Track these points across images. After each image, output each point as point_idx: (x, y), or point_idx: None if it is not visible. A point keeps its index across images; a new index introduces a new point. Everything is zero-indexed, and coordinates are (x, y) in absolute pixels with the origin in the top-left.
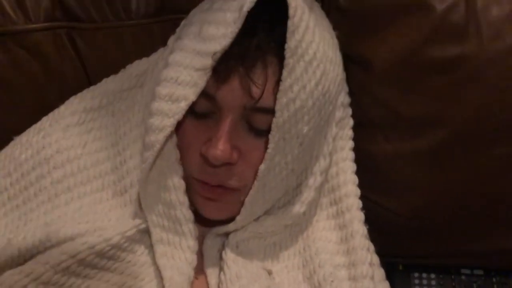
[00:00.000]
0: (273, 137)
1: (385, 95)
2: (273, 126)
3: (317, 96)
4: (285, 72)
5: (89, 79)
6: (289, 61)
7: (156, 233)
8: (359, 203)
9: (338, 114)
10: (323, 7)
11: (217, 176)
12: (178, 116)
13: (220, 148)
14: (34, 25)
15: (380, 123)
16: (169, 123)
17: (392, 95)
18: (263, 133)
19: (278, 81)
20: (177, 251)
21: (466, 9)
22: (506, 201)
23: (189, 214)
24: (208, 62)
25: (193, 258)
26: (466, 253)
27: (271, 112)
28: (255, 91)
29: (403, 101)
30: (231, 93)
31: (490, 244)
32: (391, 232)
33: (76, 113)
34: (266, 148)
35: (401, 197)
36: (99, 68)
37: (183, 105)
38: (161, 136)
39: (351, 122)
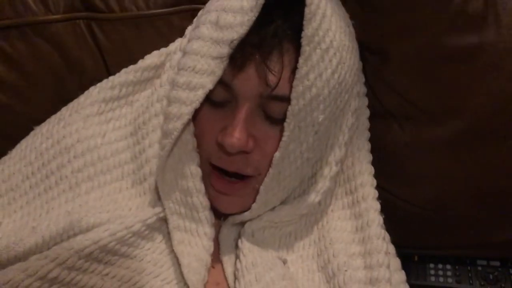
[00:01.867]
0: (289, 125)
1: (402, 85)
2: (288, 114)
3: (333, 85)
4: (301, 60)
5: (108, 70)
6: (305, 48)
7: (173, 220)
8: (375, 193)
9: (354, 103)
10: None
11: (234, 163)
12: (196, 104)
13: (237, 136)
14: (54, 16)
15: (397, 114)
16: (187, 111)
17: (409, 85)
18: (279, 121)
19: (294, 69)
20: (194, 238)
21: None
22: None
23: (206, 201)
24: (225, 50)
25: (210, 245)
26: (482, 244)
27: (286, 100)
28: (271, 79)
29: (420, 91)
30: (248, 81)
31: (506, 235)
32: (406, 222)
33: (96, 103)
34: (281, 136)
35: (417, 187)
36: (118, 59)
37: (201, 93)
38: (179, 124)
39: (367, 112)
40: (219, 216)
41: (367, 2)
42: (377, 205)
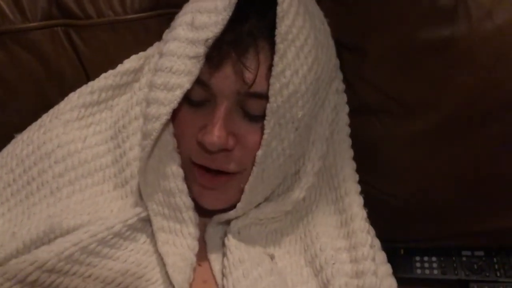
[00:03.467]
0: (268, 122)
1: (379, 80)
2: (267, 111)
3: (310, 81)
4: (276, 57)
5: (87, 75)
6: (280, 46)
7: (157, 221)
8: (358, 187)
9: (333, 100)
10: None
11: (216, 161)
12: (174, 105)
13: (216, 134)
14: (31, 24)
15: (375, 108)
16: (165, 111)
17: (386, 79)
18: (259, 118)
19: (271, 67)
20: (178, 238)
21: None
22: (503, 180)
23: (189, 202)
24: (201, 50)
25: (194, 244)
26: (465, 234)
27: (265, 97)
28: (248, 76)
29: (397, 85)
30: (225, 80)
31: (489, 224)
32: (390, 216)
33: (76, 109)
34: (262, 133)
35: (399, 180)
36: (96, 64)
37: (178, 93)
38: (157, 125)
39: (346, 108)
40: (205, 215)
41: (342, 1)
42: (360, 200)
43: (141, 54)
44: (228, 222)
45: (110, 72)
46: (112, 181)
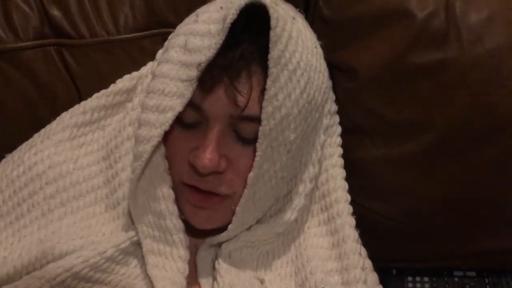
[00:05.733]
0: (261, 145)
1: (371, 101)
2: (260, 134)
3: (303, 104)
4: (269, 81)
5: (80, 95)
6: (272, 70)
7: (147, 243)
8: (350, 208)
9: (326, 121)
10: (307, 17)
11: (207, 183)
12: (165, 127)
13: (208, 157)
14: (23, 43)
15: (368, 129)
16: (157, 133)
17: (378, 101)
18: (251, 141)
19: (263, 90)
20: (168, 261)
21: (446, 15)
22: (495, 201)
23: (179, 224)
24: (194, 73)
25: (184, 268)
26: (457, 255)
27: (257, 120)
28: (241, 100)
29: (389, 107)
30: (217, 103)
31: (481, 245)
32: (383, 236)
33: (67, 129)
34: (254, 156)
35: (391, 201)
36: (89, 84)
37: (170, 116)
38: (148, 147)
39: (339, 129)
40: (196, 236)
41: (334, 23)
42: (352, 221)
43: (134, 74)
44: (219, 244)
45: (103, 91)
46: (104, 202)
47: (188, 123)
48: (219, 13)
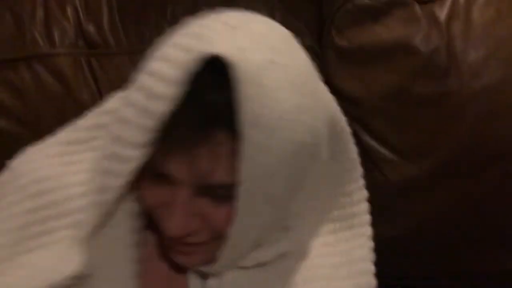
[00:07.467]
0: (240, 205)
1: (376, 128)
2: (238, 195)
3: (286, 158)
4: (243, 144)
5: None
6: (245, 132)
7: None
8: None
9: (326, 151)
10: (320, 45)
11: (186, 238)
12: (128, 178)
13: (175, 226)
14: (57, 50)
15: (373, 156)
16: (118, 183)
17: (382, 128)
18: (227, 198)
19: (234, 152)
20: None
21: (447, 52)
22: (496, 223)
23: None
24: (152, 123)
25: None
26: (460, 274)
27: (229, 184)
28: (205, 168)
29: (395, 134)
30: (179, 168)
31: (483, 265)
32: (388, 254)
33: (60, 145)
34: (233, 207)
35: (397, 222)
36: (112, 93)
37: (132, 167)
38: (110, 196)
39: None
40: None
41: (345, 53)
42: (366, 242)
43: (120, 94)
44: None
45: (96, 110)
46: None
47: (157, 173)
48: (184, 52)
